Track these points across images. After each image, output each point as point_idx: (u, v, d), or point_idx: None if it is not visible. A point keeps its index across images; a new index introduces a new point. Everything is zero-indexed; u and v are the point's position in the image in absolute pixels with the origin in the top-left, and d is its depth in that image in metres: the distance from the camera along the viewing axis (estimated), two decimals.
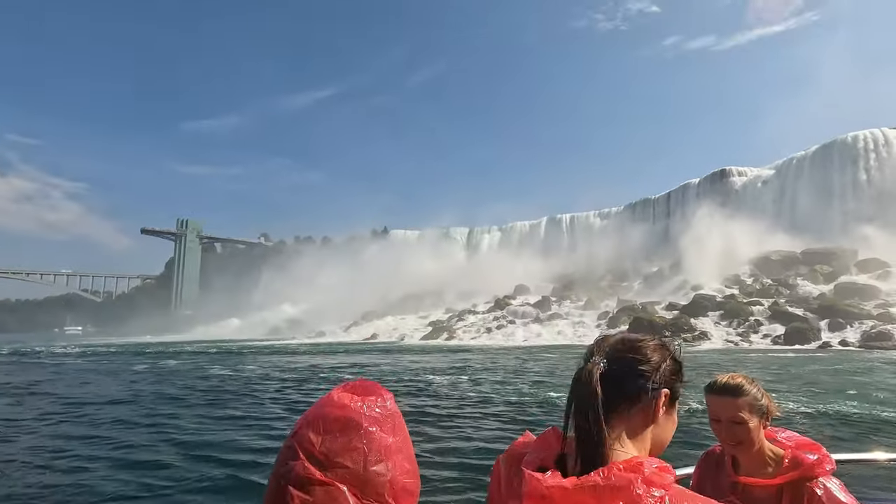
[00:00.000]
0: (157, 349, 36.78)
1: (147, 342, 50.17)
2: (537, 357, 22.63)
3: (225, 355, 28.68)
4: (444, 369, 17.76)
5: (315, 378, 16.31)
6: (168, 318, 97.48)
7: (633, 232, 65.97)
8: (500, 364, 19.58)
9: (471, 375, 15.66)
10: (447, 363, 20.54)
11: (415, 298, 65.15)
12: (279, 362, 23.46)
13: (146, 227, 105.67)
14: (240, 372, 19.07)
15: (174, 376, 18.56)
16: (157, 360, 26.82)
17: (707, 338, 27.38)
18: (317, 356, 27.15)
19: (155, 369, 21.88)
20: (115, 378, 18.75)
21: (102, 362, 26.93)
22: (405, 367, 18.99)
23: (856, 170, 45.17)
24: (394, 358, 24.34)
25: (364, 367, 19.88)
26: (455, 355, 25.02)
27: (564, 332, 34.83)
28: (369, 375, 16.29)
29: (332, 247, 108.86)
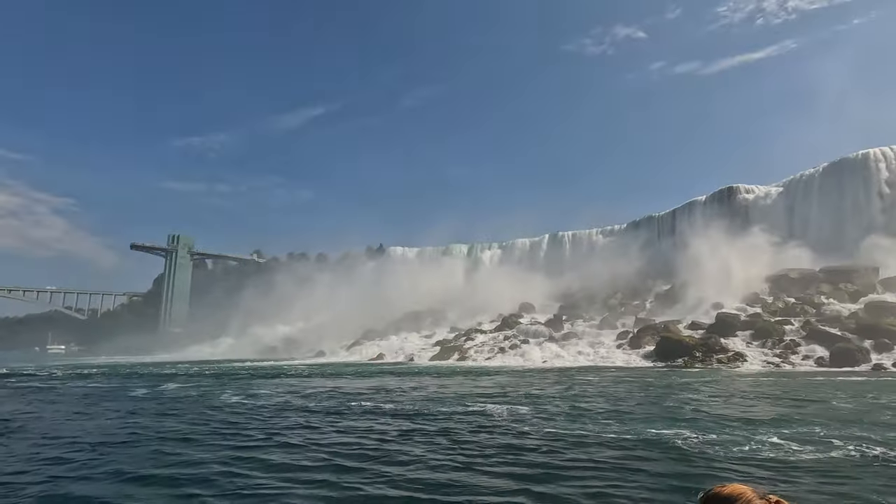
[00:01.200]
0: (150, 370, 34.42)
1: (138, 362, 47.53)
2: (576, 380, 20.95)
3: (228, 378, 26.58)
4: (490, 396, 15.99)
5: (343, 407, 14.49)
6: (156, 336, 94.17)
7: (638, 249, 65.00)
8: (545, 389, 17.88)
9: (535, 405, 13.90)
10: (484, 388, 18.78)
11: (416, 317, 63.31)
12: (292, 386, 21.51)
13: (136, 243, 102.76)
14: (253, 399, 17.16)
15: (179, 404, 16.59)
16: (155, 383, 24.68)
17: (743, 359, 25.97)
18: (328, 379, 25.20)
19: (155, 395, 19.84)
20: (110, 406, 16.73)
21: (93, 385, 24.72)
22: (440, 394, 17.20)
23: (868, 187, 44.72)
24: (416, 381, 22.50)
25: (389, 393, 18.04)
26: (482, 379, 23.24)
27: (585, 353, 33.22)
28: (404, 405, 14.51)
29: (326, 264, 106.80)
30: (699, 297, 42.04)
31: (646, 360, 29.63)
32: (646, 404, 13.64)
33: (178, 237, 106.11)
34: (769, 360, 25.64)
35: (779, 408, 12.62)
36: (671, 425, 10.39)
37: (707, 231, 53.07)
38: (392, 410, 13.24)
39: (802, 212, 49.33)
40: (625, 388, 17.46)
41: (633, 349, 32.32)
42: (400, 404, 14.38)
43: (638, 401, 14.35)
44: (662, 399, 14.68)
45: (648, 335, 33.17)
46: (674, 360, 28.38)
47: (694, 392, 16.10)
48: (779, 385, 17.61)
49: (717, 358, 26.65)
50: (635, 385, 18.32)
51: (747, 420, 10.89)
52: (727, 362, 26.06)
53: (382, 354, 43.39)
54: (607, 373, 24.14)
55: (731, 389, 16.68)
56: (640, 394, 16.14)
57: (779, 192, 53.21)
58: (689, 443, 8.73)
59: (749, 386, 17.55)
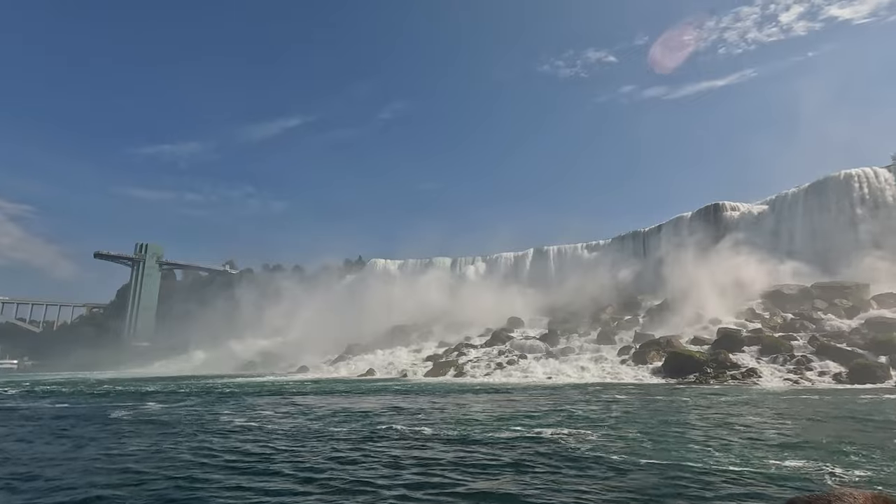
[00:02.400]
0: (122, 387, 31.52)
1: (104, 378, 43.96)
2: (602, 398, 19.70)
3: (216, 396, 24.29)
4: (531, 417, 14.48)
5: (370, 431, 12.80)
6: (120, 350, 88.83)
7: (624, 264, 65.08)
8: (581, 408, 16.55)
9: (596, 428, 12.52)
10: (511, 408, 17.32)
11: (401, 331, 61.44)
12: (295, 405, 19.54)
13: (100, 251, 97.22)
14: (259, 422, 15.24)
15: (172, 429, 14.53)
16: (134, 402, 22.24)
17: (757, 375, 25.33)
18: (329, 397, 23.26)
19: (137, 416, 17.60)
20: (91, 433, 14.52)
21: (61, 405, 22.07)
22: (470, 415, 15.65)
23: (852, 205, 45.73)
24: (427, 400, 20.85)
25: (412, 413, 16.37)
26: (492, 396, 21.76)
27: (589, 369, 32.14)
28: (442, 428, 12.94)
29: (303, 276, 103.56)
30: (694, 312, 41.77)
31: (655, 377, 28.75)
32: (739, 428, 12.45)
33: (147, 246, 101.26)
34: (784, 376, 25.07)
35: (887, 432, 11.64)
36: (832, 457, 9.05)
37: (696, 246, 53.41)
38: (434, 436, 11.66)
39: (788, 229, 50.11)
40: (669, 406, 16.27)
41: (638, 365, 31.45)
42: (436, 427, 12.80)
43: (715, 422, 13.14)
44: (732, 419, 13.57)
45: (652, 350, 32.38)
46: (684, 376, 27.58)
47: (755, 412, 15.01)
48: (832, 404, 16.73)
49: (731, 374, 25.95)
50: (677, 403, 17.12)
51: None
52: (741, 378, 25.37)
53: (373, 370, 41.35)
54: (624, 390, 23.05)
55: (792, 410, 15.58)
56: (700, 413, 14.99)
57: (763, 210, 54.10)
58: None
59: (801, 405, 16.63)
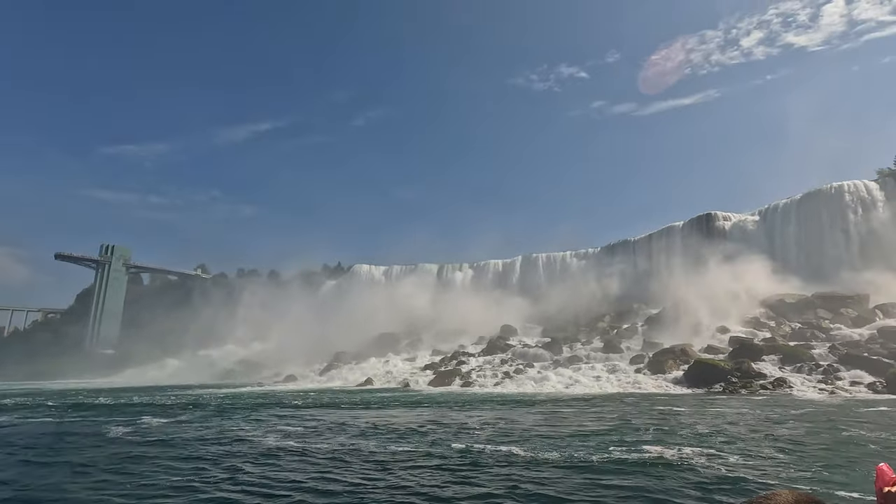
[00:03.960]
0: (101, 399, 28.43)
1: (71, 388, 40.14)
2: (654, 409, 18.42)
3: (216, 408, 21.88)
4: (604, 433, 12.98)
5: (438, 451, 11.09)
6: (82, 358, 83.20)
7: (615, 273, 64.95)
8: (648, 422, 15.17)
9: (698, 446, 11.12)
10: (561, 421, 15.82)
11: (391, 339, 59.40)
12: (318, 420, 17.49)
13: (62, 253, 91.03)
14: (288, 439, 13.26)
15: (189, 451, 12.39)
16: (127, 417, 19.68)
17: (788, 385, 24.68)
18: (346, 410, 21.24)
19: (144, 436, 15.26)
20: (92, 457, 12.26)
21: (40, 419, 19.30)
22: (532, 430, 14.05)
23: (845, 217, 46.58)
24: (462, 414, 19.13)
25: (454, 427, 14.64)
26: (528, 408, 20.21)
27: (606, 378, 30.99)
28: (522, 448, 11.31)
29: (280, 282, 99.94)
30: (697, 321, 41.38)
31: (677, 386, 27.81)
32: (850, 444, 11.25)
33: (113, 248, 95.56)
34: (815, 385, 24.47)
35: None
36: None
37: (691, 255, 53.59)
38: (535, 459, 10.01)
39: (782, 239, 50.73)
40: (746, 418, 15.01)
41: (655, 374, 30.51)
42: (523, 447, 11.14)
43: (840, 439, 11.91)
44: (847, 433, 12.42)
45: (669, 359, 31.55)
46: (709, 385, 26.73)
47: (859, 424, 13.89)
48: (870, 421, 15.89)
49: (760, 384, 25.20)
50: (748, 415, 15.82)
51: None
52: (772, 388, 24.64)
53: (371, 380, 39.15)
54: (662, 400, 21.90)
55: (883, 421, 14.72)
56: (797, 425, 13.79)
57: (755, 220, 54.76)
58: None
59: (885, 418, 15.71)
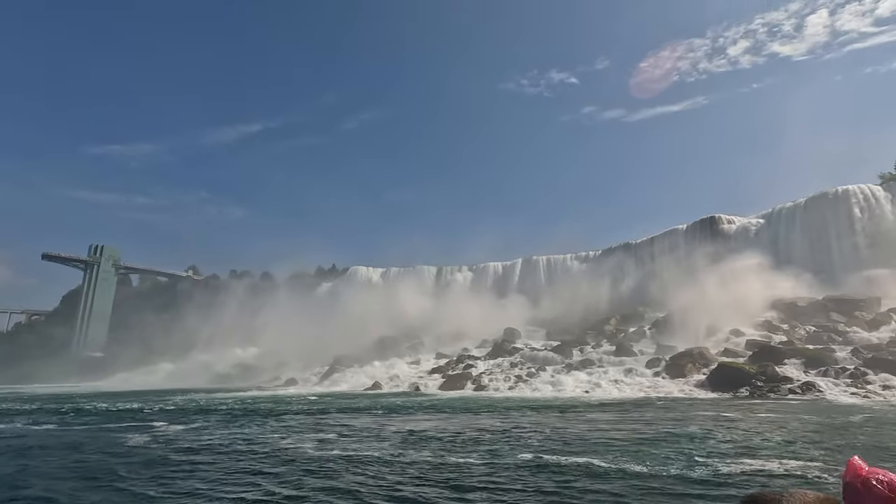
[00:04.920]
0: (95, 404, 27.02)
1: (61, 392, 38.45)
2: (698, 415, 17.76)
3: (223, 415, 20.76)
4: (690, 441, 12.22)
5: (515, 462, 10.27)
6: (69, 361, 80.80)
7: (618, 276, 64.73)
8: (720, 431, 14.47)
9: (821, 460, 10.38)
10: (631, 427, 15.07)
11: (392, 342, 58.26)
12: (344, 427, 16.53)
13: (49, 253, 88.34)
14: (328, 448, 12.33)
15: (230, 457, 11.43)
16: (137, 423, 18.50)
17: (817, 389, 24.27)
18: (371, 416, 20.27)
19: (169, 445, 14.19)
20: (123, 468, 11.22)
21: (44, 426, 18.04)
22: (612, 439, 13.28)
23: (851, 221, 46.74)
24: (496, 420, 18.29)
25: (501, 433, 13.83)
26: (567, 414, 19.43)
27: (625, 382, 30.34)
28: (641, 466, 10.53)
29: (274, 284, 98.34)
30: (708, 324, 40.98)
31: (701, 390, 27.24)
32: None
33: (102, 248, 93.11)
34: (845, 389, 24.07)
35: None
36: None
37: (697, 258, 53.37)
38: (624, 472, 9.23)
39: (788, 243, 50.76)
40: (800, 424, 14.35)
41: (675, 378, 29.95)
42: (598, 456, 10.34)
43: None
44: None
45: (688, 362, 31.02)
46: (735, 389, 26.19)
47: None
48: None
49: (788, 388, 24.75)
50: (804, 421, 15.16)
51: None
52: (802, 392, 24.19)
53: (378, 384, 38.12)
54: (692, 405, 21.29)
55: None
56: (867, 436, 13.17)
57: (760, 224, 54.81)
58: None
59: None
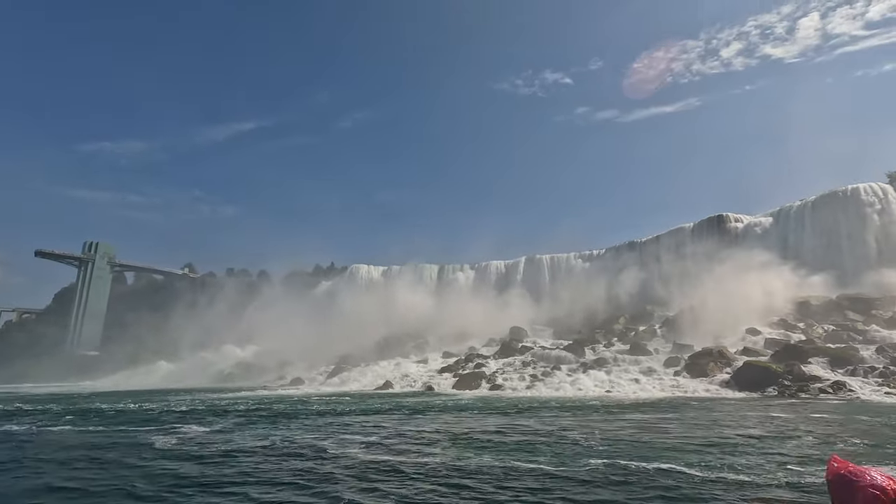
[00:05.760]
0: (97, 403, 25.96)
1: (66, 392, 37.23)
2: (743, 416, 17.10)
3: (239, 415, 19.86)
4: (772, 438, 11.49)
5: (583, 470, 9.51)
6: (63, 360, 79.26)
7: (624, 274, 64.15)
8: (775, 435, 13.78)
9: None
10: (655, 433, 14.37)
11: (397, 341, 57.36)
12: (383, 429, 15.71)
13: (43, 250, 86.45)
14: (384, 451, 11.52)
15: (275, 462, 10.60)
16: (157, 425, 17.57)
17: (848, 389, 23.75)
18: (392, 416, 19.46)
19: (193, 444, 13.30)
20: (171, 475, 10.35)
21: (58, 427, 17.05)
22: (634, 440, 12.55)
23: (862, 219, 46.42)
24: (533, 420, 17.55)
25: (535, 434, 13.07)
26: (594, 414, 18.73)
27: (646, 381, 29.71)
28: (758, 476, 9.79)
29: (273, 282, 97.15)
30: (721, 323, 40.48)
31: (728, 390, 26.64)
32: None
33: (97, 245, 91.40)
34: (876, 389, 23.56)
35: None
36: None
37: (706, 257, 52.91)
38: (718, 481, 8.49)
39: (797, 241, 50.41)
40: (863, 425, 13.71)
41: (698, 377, 29.35)
42: (676, 461, 9.62)
43: None
44: None
45: (709, 361, 30.44)
46: (762, 389, 25.64)
47: None
48: None
49: (819, 387, 24.21)
50: (867, 423, 14.50)
51: None
52: (833, 392, 23.66)
53: (390, 383, 37.26)
54: (729, 404, 20.69)
55: None
56: None
57: (769, 222, 54.46)
58: None
59: None
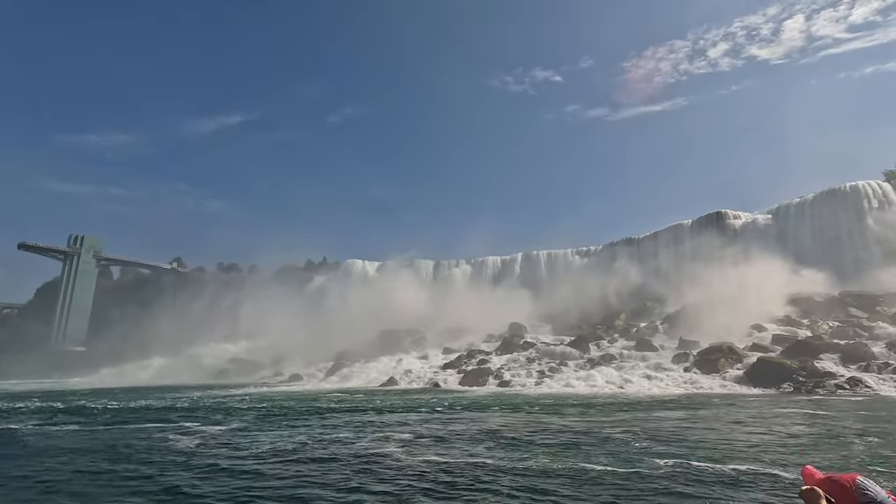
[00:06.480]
0: (91, 400, 24.89)
1: (58, 389, 35.87)
2: (779, 414, 16.76)
3: (259, 415, 19.07)
4: None
5: (663, 475, 8.97)
6: (48, 356, 76.94)
7: (621, 270, 64.08)
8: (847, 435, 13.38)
9: None
10: (712, 429, 13.93)
11: (393, 337, 56.62)
12: (402, 425, 15.06)
13: (26, 242, 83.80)
14: (431, 452, 10.88)
15: (316, 464, 9.89)
16: (163, 422, 16.70)
17: (864, 384, 23.68)
18: (412, 415, 18.83)
19: (217, 444, 12.52)
20: (208, 481, 9.59)
21: (64, 426, 16.08)
22: (693, 440, 12.07)
23: (861, 216, 46.79)
24: (566, 418, 17.04)
25: (580, 433, 12.55)
26: (623, 413, 18.29)
27: (658, 378, 29.45)
28: None
29: (264, 277, 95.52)
30: (725, 319, 40.41)
31: (743, 386, 26.46)
32: None
33: (82, 238, 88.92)
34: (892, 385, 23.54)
35: None
36: None
37: (706, 253, 53.01)
38: None
39: (796, 238, 50.67)
40: None
41: (709, 373, 29.15)
42: (754, 463, 9.13)
43: None
44: None
45: (720, 357, 30.28)
46: (777, 385, 25.49)
47: None
48: None
49: (835, 384, 24.11)
50: None
51: None
52: (850, 388, 23.57)
53: (394, 379, 36.57)
54: (751, 402, 20.42)
55: None
56: None
57: (768, 219, 54.73)
58: None
59: None
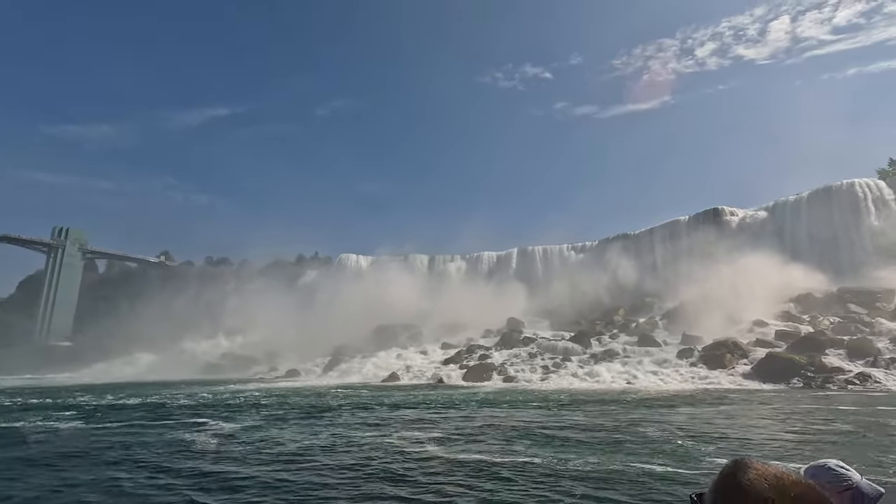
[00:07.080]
0: (84, 396, 23.96)
1: (46, 385, 34.61)
2: (806, 411, 16.55)
3: (266, 411, 18.38)
4: None
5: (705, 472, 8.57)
6: (31, 351, 74.92)
7: (620, 266, 64.10)
8: None
9: None
10: (746, 426, 13.62)
11: (389, 332, 56.01)
12: (427, 423, 14.53)
13: (8, 235, 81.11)
14: (473, 452, 10.37)
15: (357, 462, 9.32)
16: (170, 419, 15.96)
17: (874, 379, 23.72)
18: (430, 412, 18.31)
19: (234, 442, 11.86)
20: (232, 483, 8.96)
21: (65, 423, 15.25)
22: (741, 437, 11.72)
23: (857, 213, 47.19)
24: (589, 414, 16.64)
25: (621, 432, 12.16)
26: (645, 410, 17.97)
27: (665, 373, 29.29)
28: None
29: (255, 271, 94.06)
30: (725, 314, 40.55)
31: (751, 381, 26.39)
32: None
33: (67, 230, 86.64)
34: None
35: None
36: None
37: (703, 249, 53.16)
38: None
39: (793, 235, 51.00)
40: None
41: (715, 369, 29.08)
42: None
43: None
44: None
45: (726, 353, 30.21)
46: (786, 380, 25.46)
47: None
48: None
49: (844, 379, 24.11)
50: None
51: None
52: (860, 383, 23.58)
53: (396, 375, 36.01)
54: (769, 397, 20.26)
55: None
56: None
57: (764, 216, 55.02)
58: None
59: None
